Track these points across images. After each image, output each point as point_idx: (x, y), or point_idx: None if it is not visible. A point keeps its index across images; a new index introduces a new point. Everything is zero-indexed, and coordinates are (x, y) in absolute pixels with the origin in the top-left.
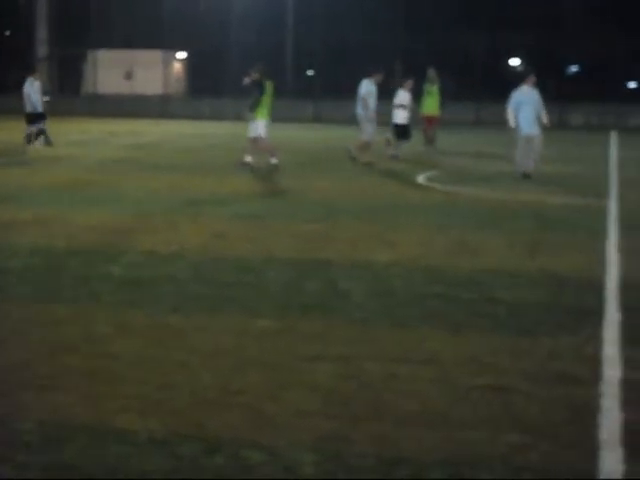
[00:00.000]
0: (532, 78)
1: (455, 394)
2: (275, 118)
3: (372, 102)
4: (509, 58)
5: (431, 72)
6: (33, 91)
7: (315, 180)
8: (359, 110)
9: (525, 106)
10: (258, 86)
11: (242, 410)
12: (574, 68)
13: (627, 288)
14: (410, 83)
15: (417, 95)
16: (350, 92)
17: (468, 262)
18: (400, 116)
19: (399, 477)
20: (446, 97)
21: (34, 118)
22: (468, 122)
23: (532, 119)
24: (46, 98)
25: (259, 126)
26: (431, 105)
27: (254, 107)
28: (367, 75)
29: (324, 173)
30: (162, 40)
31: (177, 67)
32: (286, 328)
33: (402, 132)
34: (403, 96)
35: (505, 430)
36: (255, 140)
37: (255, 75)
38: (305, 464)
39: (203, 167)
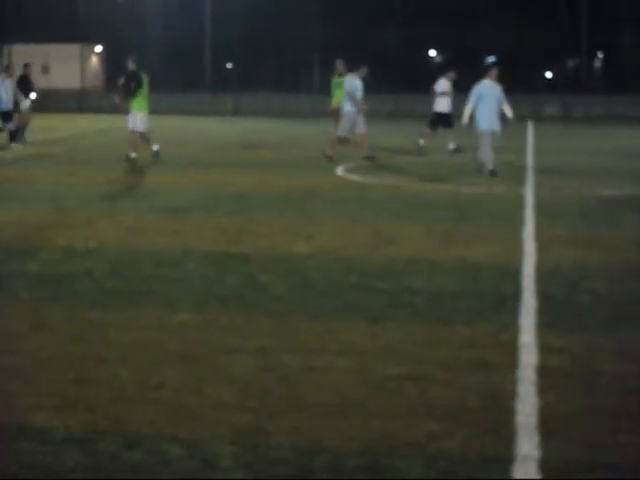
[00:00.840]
0: (494, 71)
1: (372, 384)
2: (194, 112)
3: (358, 96)
4: (427, 49)
5: (339, 64)
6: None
7: (233, 173)
8: (347, 107)
9: (485, 100)
10: (135, 78)
11: (161, 404)
12: (491, 58)
13: (543, 275)
14: (452, 74)
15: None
16: (267, 85)
17: (385, 252)
18: (442, 104)
19: (317, 467)
20: (363, 89)
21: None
22: (385, 114)
23: (492, 114)
24: (33, 96)
25: (137, 119)
26: (339, 98)
27: (130, 98)
28: (352, 70)
29: (242, 166)
30: (79, 34)
31: (94, 61)
32: (205, 322)
33: (445, 120)
34: (444, 84)
35: (422, 418)
36: (132, 132)
37: (132, 66)
38: (224, 456)
39: (119, 161)
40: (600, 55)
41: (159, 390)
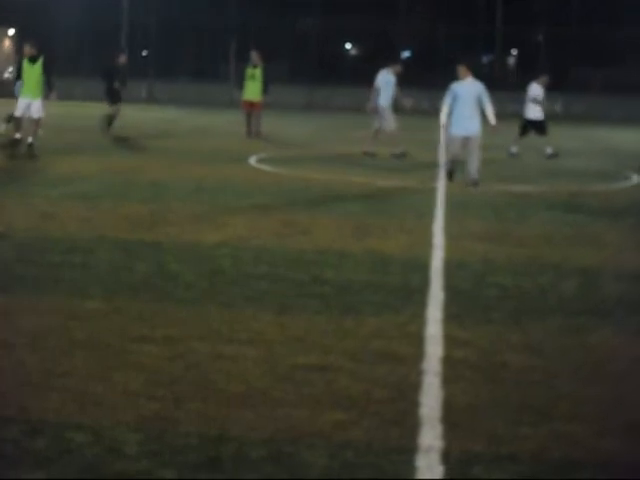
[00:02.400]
0: (461, 68)
1: (279, 373)
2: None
3: (389, 92)
4: (344, 42)
5: (254, 55)
6: None
7: (147, 161)
8: (382, 102)
9: (461, 102)
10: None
11: (67, 392)
12: (406, 53)
13: (451, 268)
14: (545, 79)
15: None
16: (185, 73)
17: (296, 243)
18: (534, 110)
19: (222, 455)
20: (279, 81)
21: None
22: (300, 105)
23: (466, 117)
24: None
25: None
26: (253, 90)
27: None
28: (385, 66)
29: (156, 154)
30: None
31: (6, 44)
32: (114, 309)
33: (539, 128)
34: (537, 90)
35: (327, 408)
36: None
37: (30, 51)
38: (129, 444)
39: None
40: (514, 52)
41: (65, 377)
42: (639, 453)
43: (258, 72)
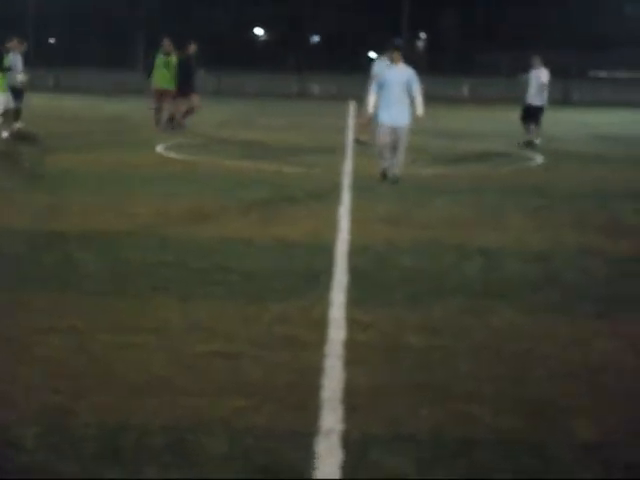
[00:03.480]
0: (395, 53)
1: (182, 362)
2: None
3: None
4: (253, 28)
5: (167, 43)
6: None
7: (53, 152)
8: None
9: (389, 89)
10: None
11: None
12: (316, 38)
13: (355, 251)
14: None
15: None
16: (92, 61)
17: (203, 231)
18: (541, 98)
19: (122, 445)
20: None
21: None
22: (210, 91)
23: (395, 106)
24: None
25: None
26: (166, 78)
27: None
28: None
29: (60, 143)
30: None
31: None
32: (19, 302)
33: (539, 115)
34: (547, 76)
35: (229, 395)
36: None
37: None
38: (28, 437)
39: None
40: (423, 36)
41: None
42: (535, 431)
43: (172, 59)
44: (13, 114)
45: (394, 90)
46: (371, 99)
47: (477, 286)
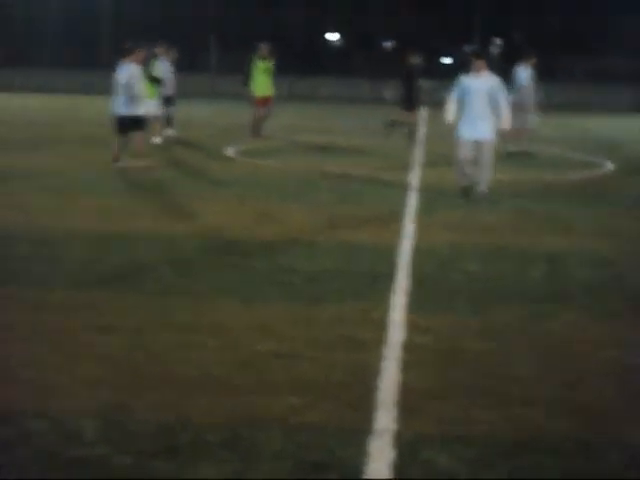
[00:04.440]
0: (478, 62)
1: (240, 361)
2: (87, 90)
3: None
4: (325, 33)
5: (264, 48)
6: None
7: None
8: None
9: (472, 99)
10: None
11: (30, 382)
12: (388, 43)
13: (418, 257)
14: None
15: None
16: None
17: (268, 233)
18: None
19: (180, 442)
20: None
21: None
22: (284, 96)
23: (477, 118)
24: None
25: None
26: (266, 85)
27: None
28: (520, 59)
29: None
30: None
31: None
32: (82, 301)
33: None
34: None
35: (285, 393)
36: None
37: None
38: (87, 431)
39: (9, 141)
40: (498, 41)
41: (28, 368)
42: (587, 434)
43: (271, 65)
44: (165, 121)
45: (477, 102)
46: (450, 108)
47: (539, 291)
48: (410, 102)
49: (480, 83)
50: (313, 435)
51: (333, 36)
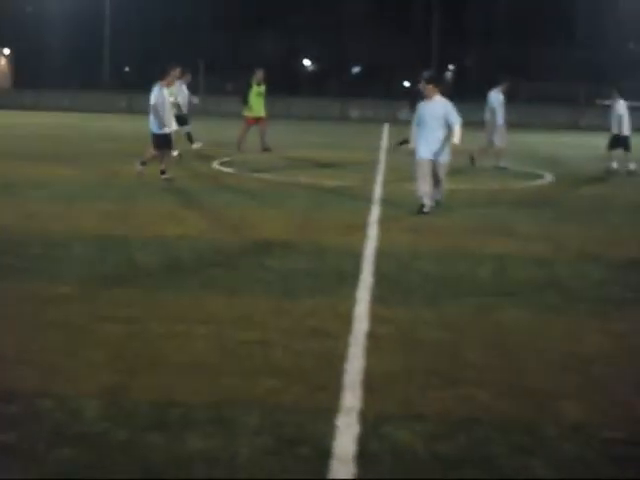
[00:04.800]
0: (428, 87)
1: (225, 348)
2: (93, 109)
3: (503, 110)
4: (301, 59)
5: (259, 73)
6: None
7: (122, 165)
8: (499, 120)
9: (426, 124)
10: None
11: (38, 365)
12: (356, 69)
13: (381, 257)
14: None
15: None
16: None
17: (248, 235)
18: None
19: (170, 418)
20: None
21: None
22: None
23: (433, 142)
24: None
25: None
26: (261, 106)
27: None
28: (495, 85)
29: (129, 159)
30: None
31: (2, 62)
32: (84, 294)
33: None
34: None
35: (263, 376)
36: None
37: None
38: (89, 409)
39: (24, 154)
40: (451, 67)
41: (37, 353)
42: (528, 412)
43: (264, 89)
44: (187, 138)
45: (431, 124)
46: (412, 133)
47: (488, 288)
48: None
49: (432, 108)
50: (288, 413)
51: (307, 62)
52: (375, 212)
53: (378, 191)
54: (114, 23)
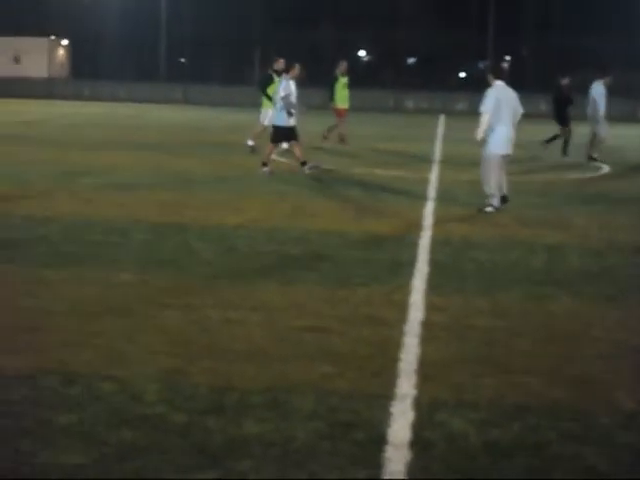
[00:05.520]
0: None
1: (278, 334)
2: (150, 100)
3: (604, 102)
4: (357, 50)
5: (342, 65)
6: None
7: (177, 155)
8: (589, 111)
9: (503, 113)
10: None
11: (99, 349)
12: (411, 60)
13: (437, 246)
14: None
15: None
16: (215, 78)
17: (303, 224)
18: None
19: (226, 402)
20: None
21: None
22: (317, 105)
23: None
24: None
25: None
26: (346, 97)
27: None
28: (598, 77)
29: (185, 149)
30: (47, 28)
31: (61, 53)
32: (143, 281)
33: None
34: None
35: (318, 363)
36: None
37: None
38: (148, 393)
39: (82, 142)
40: (507, 58)
41: (98, 337)
42: (579, 400)
43: (347, 80)
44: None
45: (508, 114)
46: (484, 120)
47: (541, 277)
48: (563, 118)
49: (509, 96)
50: (342, 399)
51: (362, 53)
52: (430, 202)
53: (434, 180)
54: (170, 15)
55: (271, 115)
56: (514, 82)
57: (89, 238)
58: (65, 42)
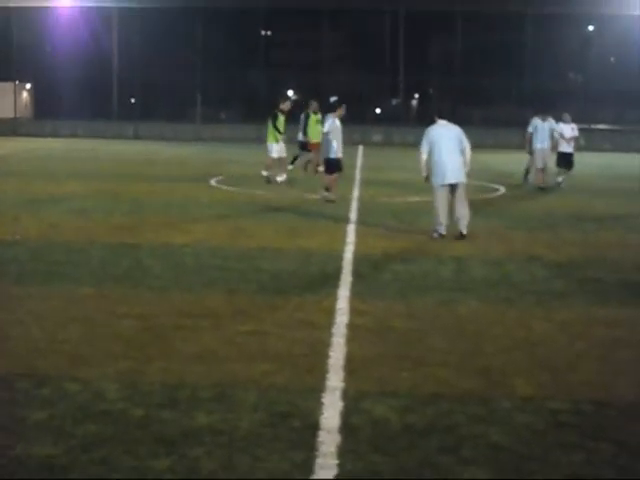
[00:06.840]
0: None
1: (225, 338)
2: (103, 136)
3: (536, 137)
4: (286, 90)
5: (313, 104)
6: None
7: (129, 184)
8: (538, 145)
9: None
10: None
11: (65, 354)
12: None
13: (359, 259)
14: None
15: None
16: (161, 116)
17: (243, 242)
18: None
19: (179, 397)
20: (236, 121)
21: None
22: (252, 139)
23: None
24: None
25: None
26: (319, 132)
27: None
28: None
29: (137, 178)
30: (12, 74)
31: (25, 95)
32: (102, 294)
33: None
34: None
35: (259, 362)
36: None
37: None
38: (110, 391)
39: (45, 174)
40: (416, 95)
41: (64, 344)
42: (486, 388)
43: (320, 117)
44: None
45: (447, 148)
46: (422, 158)
47: (450, 284)
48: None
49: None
50: (280, 392)
51: (290, 92)
52: (353, 220)
53: (355, 202)
54: (121, 61)
55: (322, 149)
56: (422, 117)
57: (53, 258)
58: (28, 86)
